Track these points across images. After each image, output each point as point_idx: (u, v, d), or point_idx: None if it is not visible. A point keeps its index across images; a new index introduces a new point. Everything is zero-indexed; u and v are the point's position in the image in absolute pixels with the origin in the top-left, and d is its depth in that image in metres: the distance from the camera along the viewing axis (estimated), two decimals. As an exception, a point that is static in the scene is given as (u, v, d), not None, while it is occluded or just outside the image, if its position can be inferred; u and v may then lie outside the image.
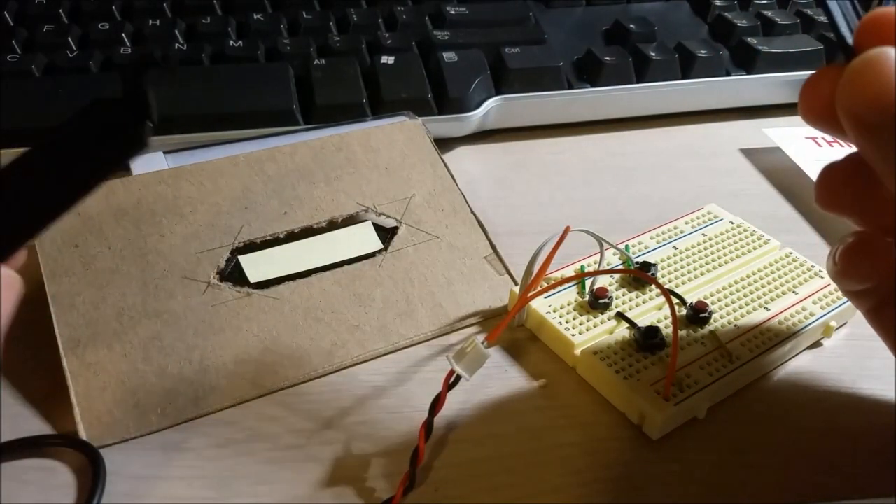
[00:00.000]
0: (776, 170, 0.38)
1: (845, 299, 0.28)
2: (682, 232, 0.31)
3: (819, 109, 0.20)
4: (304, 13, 0.41)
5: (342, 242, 0.29)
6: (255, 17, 0.40)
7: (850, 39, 0.19)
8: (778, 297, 0.28)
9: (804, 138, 0.39)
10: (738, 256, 0.30)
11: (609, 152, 0.39)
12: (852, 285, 0.22)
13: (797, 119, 0.46)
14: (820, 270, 0.29)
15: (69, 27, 0.39)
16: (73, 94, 0.34)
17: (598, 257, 0.29)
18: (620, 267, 0.29)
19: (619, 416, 0.25)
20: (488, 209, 0.33)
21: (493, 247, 0.30)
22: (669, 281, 0.29)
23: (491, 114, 0.38)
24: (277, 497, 0.22)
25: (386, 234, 0.30)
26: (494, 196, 0.35)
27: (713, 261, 0.30)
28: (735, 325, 0.27)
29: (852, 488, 0.23)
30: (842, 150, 0.38)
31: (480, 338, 0.23)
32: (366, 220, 0.30)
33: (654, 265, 0.29)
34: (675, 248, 0.30)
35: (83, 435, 0.23)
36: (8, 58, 0.36)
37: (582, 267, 0.29)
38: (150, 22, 0.39)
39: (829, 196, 0.21)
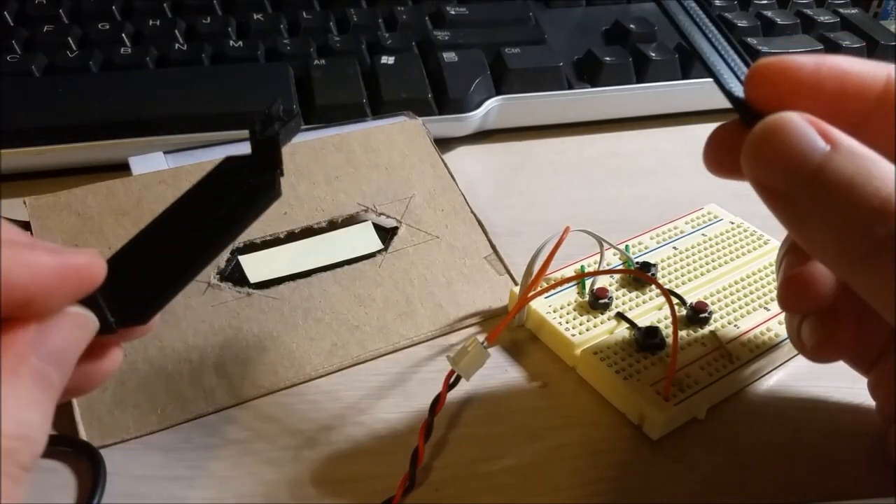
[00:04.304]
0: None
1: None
2: (682, 232, 0.31)
3: (724, 165, 0.20)
4: (304, 13, 0.41)
5: (342, 242, 0.29)
6: (255, 17, 0.40)
7: (739, 92, 0.19)
8: (778, 297, 0.28)
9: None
10: (738, 257, 0.30)
11: (609, 152, 0.39)
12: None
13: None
14: (820, 270, 0.29)
15: (69, 27, 0.39)
16: (73, 94, 0.35)
17: (598, 257, 0.29)
18: (620, 267, 0.29)
19: (620, 417, 0.25)
20: (488, 209, 0.33)
21: (493, 247, 0.30)
22: (669, 281, 0.29)
23: (491, 114, 0.38)
24: (277, 497, 0.22)
25: (386, 234, 0.30)
26: (494, 196, 0.35)
27: (713, 261, 0.30)
28: (735, 326, 0.27)
29: (852, 488, 0.23)
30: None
31: (480, 338, 0.23)
32: (366, 221, 0.30)
33: (654, 265, 0.29)
34: (675, 248, 0.30)
35: (83, 435, 0.23)
36: (8, 58, 0.36)
37: (582, 267, 0.29)
38: (150, 22, 0.39)
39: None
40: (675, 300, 0.27)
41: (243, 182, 0.20)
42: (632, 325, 0.26)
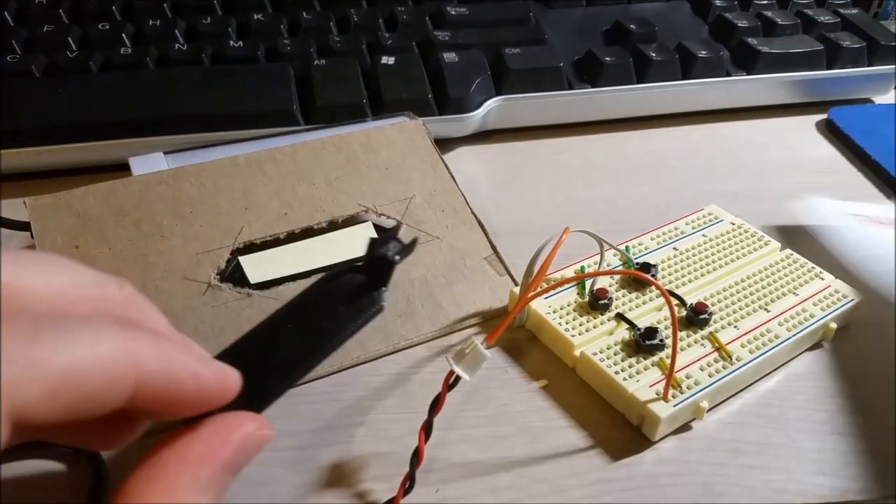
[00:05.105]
0: (776, 171, 0.38)
1: (846, 301, 0.28)
2: (682, 233, 0.31)
3: None
4: (304, 13, 0.41)
5: (342, 243, 0.29)
6: (255, 17, 0.40)
7: None
8: (778, 298, 0.28)
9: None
10: (738, 258, 0.30)
11: (609, 152, 0.39)
12: None
13: (796, 120, 0.46)
14: (820, 272, 0.29)
15: (69, 27, 0.39)
16: (73, 94, 0.35)
17: (598, 258, 0.29)
18: (620, 268, 0.29)
19: (619, 417, 0.25)
20: (488, 209, 0.33)
21: (493, 247, 0.30)
22: (669, 282, 0.29)
23: (491, 114, 0.38)
24: (277, 497, 0.22)
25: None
26: (494, 196, 0.35)
27: (713, 262, 0.30)
28: (735, 327, 0.27)
29: (852, 488, 0.23)
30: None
31: (480, 338, 0.23)
32: (366, 221, 0.30)
33: (655, 266, 0.29)
34: (675, 248, 0.30)
35: (83, 436, 0.23)
36: (8, 58, 0.36)
37: (582, 268, 0.29)
38: (150, 22, 0.39)
39: None
40: (674, 301, 0.27)
41: (350, 293, 0.21)
42: (632, 325, 0.26)
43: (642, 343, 0.25)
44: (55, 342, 0.15)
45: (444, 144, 0.37)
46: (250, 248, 0.28)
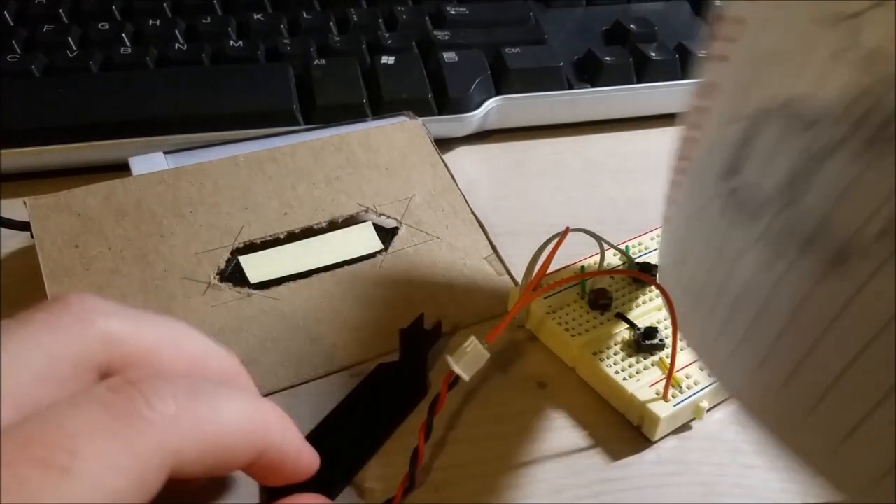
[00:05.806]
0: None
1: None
2: (682, 232, 0.31)
3: None
4: (304, 13, 0.41)
5: (342, 243, 0.29)
6: (255, 17, 0.40)
7: None
8: (778, 297, 0.28)
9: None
10: (738, 257, 0.30)
11: (609, 152, 0.39)
12: None
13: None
14: (820, 271, 0.29)
15: (69, 27, 0.39)
16: (73, 94, 0.35)
17: (598, 258, 0.29)
18: (621, 268, 0.29)
19: (619, 417, 0.25)
20: (488, 209, 0.33)
21: (493, 247, 0.30)
22: (669, 281, 0.29)
23: (491, 114, 0.38)
24: (277, 498, 0.22)
25: (386, 234, 0.30)
26: (494, 196, 0.35)
27: (713, 261, 0.30)
28: (735, 326, 0.27)
29: (852, 489, 0.23)
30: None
31: (480, 338, 0.23)
32: (366, 221, 0.30)
33: (655, 266, 0.29)
34: (675, 248, 0.30)
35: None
36: (8, 58, 0.36)
37: (582, 267, 0.29)
38: (150, 22, 0.39)
39: None
40: (675, 301, 0.27)
41: (394, 385, 0.25)
42: (631, 325, 0.26)
43: (642, 343, 0.25)
44: (210, 404, 0.15)
45: (444, 144, 0.37)
46: (250, 248, 0.28)
